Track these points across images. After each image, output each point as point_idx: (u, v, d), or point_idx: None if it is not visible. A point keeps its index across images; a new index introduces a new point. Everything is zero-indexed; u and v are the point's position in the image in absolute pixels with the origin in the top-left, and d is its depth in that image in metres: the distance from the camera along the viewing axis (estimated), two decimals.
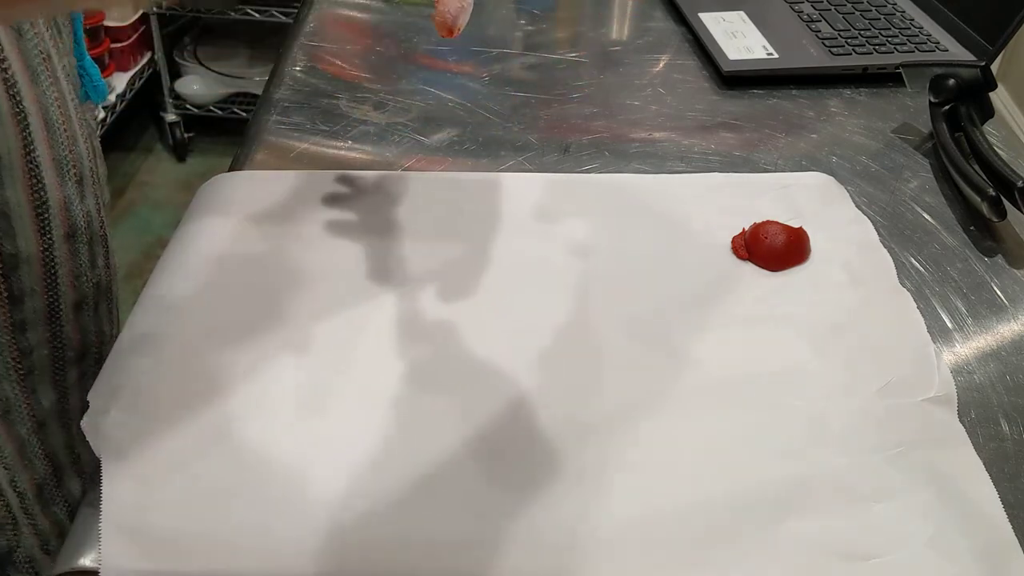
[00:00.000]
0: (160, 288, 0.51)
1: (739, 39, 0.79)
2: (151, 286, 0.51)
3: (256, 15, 1.96)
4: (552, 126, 0.69)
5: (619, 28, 0.86)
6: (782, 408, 0.45)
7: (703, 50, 0.79)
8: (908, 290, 0.53)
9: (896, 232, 0.59)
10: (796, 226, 0.55)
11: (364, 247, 0.54)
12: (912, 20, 0.83)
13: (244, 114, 2.07)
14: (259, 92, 1.02)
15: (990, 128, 0.66)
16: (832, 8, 0.84)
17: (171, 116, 2.08)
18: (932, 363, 0.47)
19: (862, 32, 0.80)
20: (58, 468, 0.59)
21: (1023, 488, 0.43)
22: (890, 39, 0.79)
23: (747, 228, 0.56)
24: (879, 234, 0.57)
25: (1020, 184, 0.57)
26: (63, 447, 0.59)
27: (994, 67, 0.71)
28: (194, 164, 2.15)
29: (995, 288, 0.55)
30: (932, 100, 0.67)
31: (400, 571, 0.38)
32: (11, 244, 0.50)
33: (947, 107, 0.66)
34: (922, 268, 0.56)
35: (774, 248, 0.54)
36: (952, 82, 0.65)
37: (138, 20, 1.95)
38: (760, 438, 0.44)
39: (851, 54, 0.77)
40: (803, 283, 0.53)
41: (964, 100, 0.65)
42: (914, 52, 0.78)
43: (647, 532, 0.40)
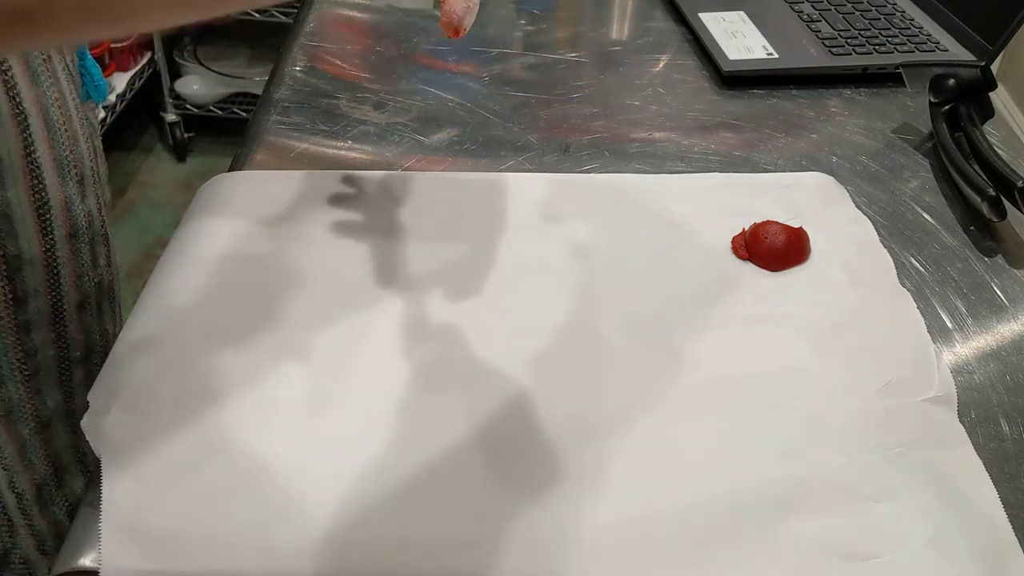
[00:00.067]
0: (160, 288, 0.51)
1: (739, 39, 0.79)
2: (151, 286, 0.51)
3: (256, 15, 1.96)
4: (552, 126, 0.69)
5: (619, 28, 0.86)
6: (782, 408, 0.45)
7: (703, 50, 0.79)
8: (908, 290, 0.53)
9: (896, 232, 0.59)
10: (796, 226, 0.55)
11: (364, 247, 0.54)
12: (912, 20, 0.83)
13: (244, 114, 2.07)
14: (259, 92, 1.02)
15: (990, 128, 0.66)
16: (832, 8, 0.84)
17: (171, 116, 2.08)
18: (932, 363, 0.47)
19: (862, 32, 0.80)
20: (60, 468, 0.59)
21: (1023, 488, 0.43)
22: (890, 39, 0.79)
23: (747, 228, 0.56)
24: (879, 234, 0.57)
25: (1020, 184, 0.57)
26: (68, 447, 0.59)
27: (994, 67, 0.71)
28: (194, 164, 2.15)
29: (995, 288, 0.55)
30: (932, 100, 0.67)
31: (400, 571, 0.38)
32: (14, 245, 0.50)
33: (947, 107, 0.66)
34: (922, 268, 0.56)
35: (774, 248, 0.54)
36: (952, 82, 0.65)
37: None
38: (760, 438, 0.44)
39: (851, 54, 0.77)
40: (803, 283, 0.53)
41: (964, 100, 0.65)
42: (914, 52, 0.78)
43: (647, 532, 0.40)
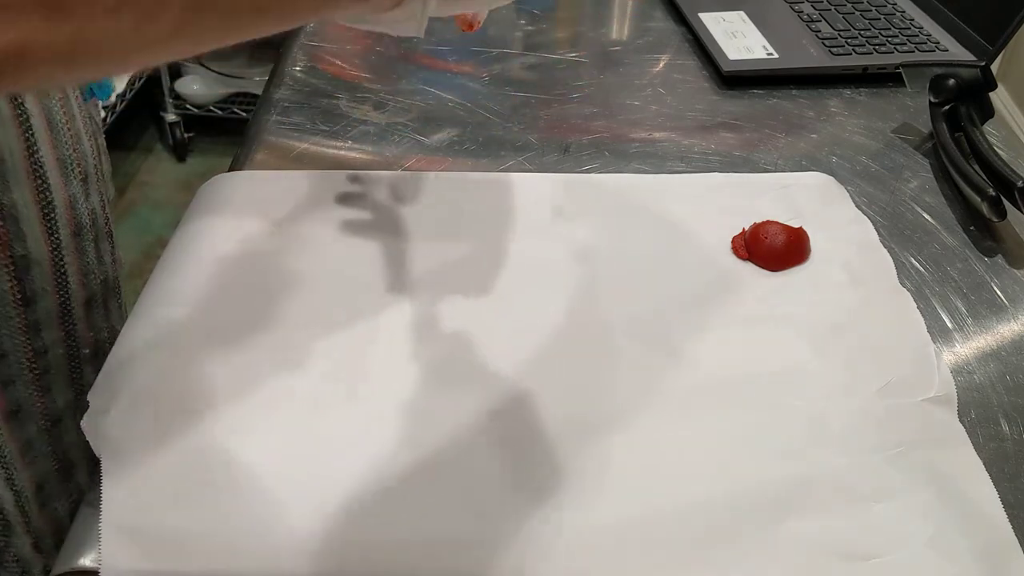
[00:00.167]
0: (160, 288, 0.51)
1: (739, 39, 0.79)
2: (151, 286, 0.51)
3: None
4: (552, 126, 0.69)
5: (619, 28, 0.86)
6: (782, 408, 0.45)
7: (703, 50, 0.79)
8: (908, 290, 0.53)
9: (896, 232, 0.59)
10: (796, 226, 0.55)
11: (364, 247, 0.54)
12: (912, 20, 0.83)
13: (244, 114, 2.07)
14: (259, 92, 1.02)
15: (990, 128, 0.66)
16: (832, 8, 0.84)
17: (171, 116, 2.08)
18: (932, 363, 0.47)
19: (862, 32, 0.80)
20: (66, 465, 0.59)
21: (1023, 488, 0.43)
22: (890, 39, 0.79)
23: (747, 228, 0.56)
24: (879, 234, 0.57)
25: (1020, 184, 0.57)
26: (76, 444, 0.59)
27: (994, 67, 0.71)
28: (194, 164, 2.15)
29: (995, 288, 0.55)
30: (932, 100, 0.67)
31: (400, 571, 0.38)
32: (22, 246, 0.50)
33: (947, 107, 0.66)
34: (922, 268, 0.56)
35: (774, 248, 0.54)
36: (952, 82, 0.65)
37: None
38: (760, 438, 0.44)
39: (851, 54, 0.77)
40: (803, 283, 0.53)
41: (964, 100, 0.65)
42: (914, 52, 0.78)
43: (647, 532, 0.40)
